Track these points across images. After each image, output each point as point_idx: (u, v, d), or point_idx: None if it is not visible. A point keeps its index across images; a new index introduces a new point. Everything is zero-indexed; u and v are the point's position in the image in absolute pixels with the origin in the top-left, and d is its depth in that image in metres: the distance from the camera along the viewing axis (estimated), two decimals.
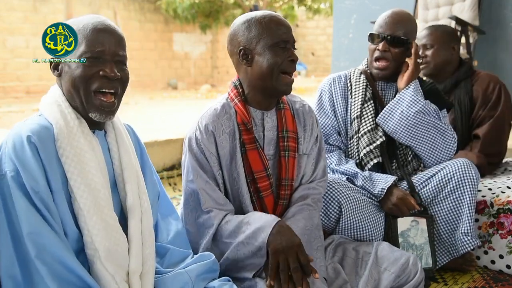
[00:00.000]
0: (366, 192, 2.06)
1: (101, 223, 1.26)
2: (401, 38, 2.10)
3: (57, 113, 1.30)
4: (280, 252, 1.46)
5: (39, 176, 1.21)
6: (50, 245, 1.18)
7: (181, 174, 3.95)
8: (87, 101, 1.31)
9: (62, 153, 1.26)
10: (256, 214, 1.59)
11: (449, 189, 2.09)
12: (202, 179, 1.60)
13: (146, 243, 1.38)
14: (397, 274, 1.69)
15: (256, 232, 1.50)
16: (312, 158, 1.76)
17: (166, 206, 1.63)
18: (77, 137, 1.28)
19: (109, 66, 1.30)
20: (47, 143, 1.25)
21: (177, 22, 14.25)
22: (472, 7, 3.84)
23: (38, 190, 1.20)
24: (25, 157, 1.21)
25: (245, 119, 1.64)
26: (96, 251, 1.25)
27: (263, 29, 1.59)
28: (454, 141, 2.16)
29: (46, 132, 1.26)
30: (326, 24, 16.47)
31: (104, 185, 1.30)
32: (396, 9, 2.16)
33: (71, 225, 1.26)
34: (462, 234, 2.08)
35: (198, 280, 1.42)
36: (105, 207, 1.28)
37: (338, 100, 2.23)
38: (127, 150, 1.42)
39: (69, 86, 1.32)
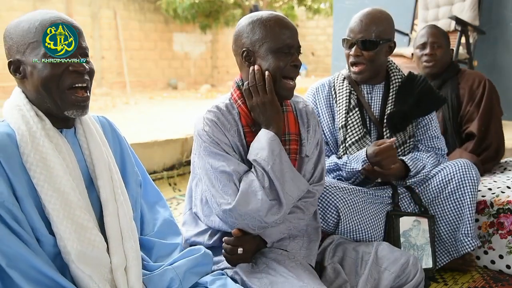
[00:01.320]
0: (365, 190, 2.05)
1: (72, 226, 1.24)
2: (372, 41, 2.05)
3: (18, 118, 1.28)
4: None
5: (2, 186, 1.18)
6: (20, 254, 1.16)
7: (181, 174, 3.95)
8: (61, 99, 1.29)
9: (26, 160, 1.24)
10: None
11: (450, 190, 2.09)
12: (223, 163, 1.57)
13: (126, 237, 1.36)
14: (397, 274, 1.69)
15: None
16: (313, 161, 1.74)
17: (152, 193, 1.61)
18: (41, 141, 1.26)
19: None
20: (9, 151, 1.23)
21: (177, 22, 14.24)
22: (472, 7, 3.84)
23: (2, 200, 1.18)
24: None
25: (249, 121, 1.64)
26: (69, 254, 1.24)
27: (267, 33, 1.57)
28: (445, 154, 2.22)
29: (8, 140, 1.24)
30: (326, 24, 16.46)
31: (73, 187, 1.28)
32: (368, 9, 2.11)
33: (44, 231, 1.24)
34: (463, 235, 2.08)
35: (188, 275, 1.41)
36: (76, 209, 1.26)
37: (323, 110, 2.19)
38: (98, 144, 1.40)
39: (37, 87, 1.29)
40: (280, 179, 1.55)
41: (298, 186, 1.60)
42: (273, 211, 1.55)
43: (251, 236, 1.59)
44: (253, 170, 1.56)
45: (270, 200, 1.53)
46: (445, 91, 2.65)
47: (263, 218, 1.54)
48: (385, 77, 2.18)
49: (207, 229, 1.71)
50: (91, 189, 1.36)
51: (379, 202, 2.07)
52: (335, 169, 2.10)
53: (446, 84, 2.69)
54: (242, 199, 1.53)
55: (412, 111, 2.12)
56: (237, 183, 1.55)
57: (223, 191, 1.56)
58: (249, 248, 1.59)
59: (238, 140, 1.62)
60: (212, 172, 1.57)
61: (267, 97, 1.57)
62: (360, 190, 2.04)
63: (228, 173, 1.55)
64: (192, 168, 1.73)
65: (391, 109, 2.12)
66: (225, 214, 1.56)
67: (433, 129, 2.19)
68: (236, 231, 1.56)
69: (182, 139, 3.95)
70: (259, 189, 1.52)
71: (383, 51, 2.09)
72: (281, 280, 1.48)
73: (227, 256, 1.58)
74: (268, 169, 1.53)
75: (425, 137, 2.18)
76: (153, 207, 1.59)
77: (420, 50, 2.71)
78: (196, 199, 1.74)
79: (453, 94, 2.65)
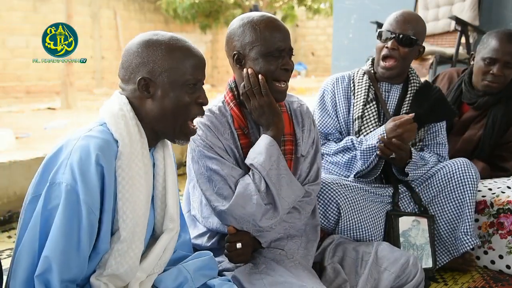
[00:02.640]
0: (367, 188, 2.05)
1: (126, 250, 1.24)
2: (410, 38, 2.08)
3: (124, 130, 1.24)
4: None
5: (97, 197, 1.17)
6: (52, 272, 1.13)
7: (180, 174, 3.95)
8: (181, 128, 1.31)
9: (119, 173, 1.22)
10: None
11: (450, 188, 2.09)
12: (216, 166, 1.57)
13: (162, 259, 1.38)
14: (397, 274, 1.69)
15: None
16: (308, 161, 1.74)
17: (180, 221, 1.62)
18: (137, 160, 1.24)
19: (203, 92, 1.31)
20: (111, 162, 1.20)
21: (177, 22, 14.24)
22: (472, 7, 3.84)
23: (93, 211, 1.16)
24: (89, 176, 1.15)
25: (241, 124, 1.64)
26: (104, 269, 1.23)
27: (257, 37, 1.55)
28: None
29: (111, 149, 1.21)
30: (326, 24, 16.46)
31: (145, 213, 1.27)
32: (407, 10, 2.16)
33: (107, 243, 1.23)
34: (462, 233, 2.08)
35: (197, 275, 1.41)
36: (137, 235, 1.25)
37: (341, 100, 2.22)
38: (173, 169, 1.41)
39: (165, 111, 1.28)
40: (276, 184, 1.55)
41: (294, 191, 1.60)
42: (268, 215, 1.55)
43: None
44: (250, 173, 1.57)
45: (265, 205, 1.54)
46: (496, 112, 2.39)
47: (257, 222, 1.54)
48: (405, 80, 2.22)
49: (206, 232, 1.71)
50: (150, 208, 1.35)
51: (379, 201, 2.07)
52: (350, 148, 2.10)
53: (500, 103, 2.40)
54: (237, 202, 1.53)
55: (427, 116, 2.16)
56: (232, 186, 1.56)
57: (218, 194, 1.56)
58: (248, 241, 1.59)
59: (232, 143, 1.62)
60: (207, 175, 1.57)
61: (264, 99, 1.57)
62: (361, 188, 2.05)
63: (223, 176, 1.56)
64: (188, 171, 1.73)
65: (406, 109, 2.16)
66: (220, 217, 1.58)
67: (441, 136, 2.23)
68: (231, 228, 1.57)
69: None
70: (255, 193, 1.53)
71: (415, 51, 2.13)
72: (281, 280, 1.48)
73: (228, 254, 1.58)
74: (265, 174, 1.54)
75: (433, 143, 2.22)
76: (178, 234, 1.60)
77: (487, 65, 2.33)
78: (194, 201, 1.74)
79: (504, 118, 2.38)
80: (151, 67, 1.26)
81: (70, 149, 1.18)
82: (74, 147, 1.18)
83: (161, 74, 1.26)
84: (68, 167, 1.16)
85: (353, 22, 4.79)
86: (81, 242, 1.16)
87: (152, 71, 1.26)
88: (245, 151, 1.63)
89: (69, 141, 1.21)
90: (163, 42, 1.28)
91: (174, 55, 1.27)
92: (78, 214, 1.15)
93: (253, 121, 1.66)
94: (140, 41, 1.29)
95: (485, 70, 2.35)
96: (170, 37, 1.30)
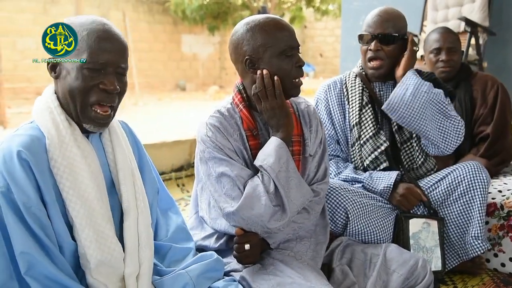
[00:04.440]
0: (374, 196, 2.04)
1: (93, 235, 1.24)
2: (392, 35, 2.06)
3: (48, 121, 1.26)
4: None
5: (30, 191, 1.18)
6: (39, 263, 1.16)
7: (189, 175, 3.95)
8: (82, 112, 1.28)
9: (53, 165, 1.23)
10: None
11: (459, 192, 2.07)
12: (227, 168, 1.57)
13: (142, 244, 1.36)
14: (406, 276, 1.68)
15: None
16: (316, 160, 1.74)
17: (165, 199, 1.61)
18: (70, 147, 1.25)
19: (110, 79, 1.27)
20: (39, 156, 1.21)
21: (185, 23, 14.29)
22: (482, 8, 3.81)
23: (30, 205, 1.17)
24: (15, 173, 1.17)
25: (251, 125, 1.64)
26: (88, 262, 1.24)
27: (269, 38, 1.56)
28: (462, 125, 2.09)
29: (38, 144, 1.23)
30: (334, 25, 16.43)
31: (97, 196, 1.27)
32: (384, 7, 2.13)
33: (67, 237, 1.24)
34: (472, 237, 2.06)
35: (201, 279, 1.40)
36: (98, 217, 1.26)
37: (335, 107, 2.19)
38: (122, 150, 1.39)
39: (66, 92, 1.28)
40: (285, 186, 1.55)
41: (302, 194, 1.60)
42: (276, 217, 1.55)
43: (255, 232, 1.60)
44: (259, 174, 1.57)
45: (273, 206, 1.53)
46: (459, 93, 2.61)
47: (266, 223, 1.54)
48: (394, 75, 2.16)
49: (214, 233, 1.71)
50: (111, 193, 1.36)
51: (388, 205, 2.06)
52: (351, 180, 2.09)
53: (459, 86, 2.64)
54: (246, 203, 1.53)
55: None
56: (241, 188, 1.55)
57: (226, 195, 1.56)
58: (256, 242, 1.59)
59: (241, 144, 1.62)
60: (216, 177, 1.57)
61: (276, 101, 1.57)
62: (369, 193, 2.04)
63: (232, 177, 1.55)
64: (196, 172, 1.73)
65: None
66: (228, 218, 1.57)
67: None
68: (239, 230, 1.57)
69: (190, 140, 3.96)
70: (264, 194, 1.52)
71: (400, 46, 2.10)
72: (289, 281, 1.47)
73: (236, 255, 1.58)
74: (274, 176, 1.53)
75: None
76: (166, 213, 1.60)
77: (435, 55, 2.63)
78: (202, 202, 1.74)
79: (466, 96, 2.61)
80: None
81: None
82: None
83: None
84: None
85: (361, 23, 4.76)
86: (39, 236, 1.17)
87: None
88: (254, 153, 1.62)
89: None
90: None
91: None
92: (19, 213, 1.17)
93: (262, 123, 1.66)
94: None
95: (435, 60, 2.63)
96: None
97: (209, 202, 1.69)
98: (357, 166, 2.14)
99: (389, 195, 2.04)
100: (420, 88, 2.04)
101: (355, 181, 2.08)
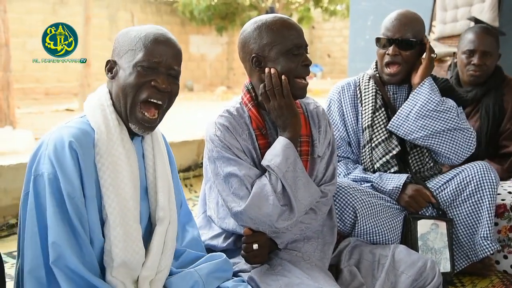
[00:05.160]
0: (383, 196, 2.04)
1: (123, 234, 1.26)
2: (410, 40, 2.04)
3: (100, 117, 1.30)
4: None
5: (76, 182, 1.21)
6: (67, 255, 1.18)
7: (197, 175, 3.96)
8: (131, 111, 1.31)
9: (98, 160, 1.26)
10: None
11: (468, 192, 2.06)
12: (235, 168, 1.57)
13: (166, 253, 1.38)
14: (414, 278, 1.67)
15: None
16: (324, 161, 1.74)
17: (185, 213, 1.63)
18: (116, 145, 1.28)
19: (162, 78, 1.31)
20: (86, 149, 1.24)
21: (193, 24, 14.33)
22: (492, 7, 3.78)
23: (74, 196, 1.20)
24: (65, 162, 1.20)
25: (259, 125, 1.64)
26: (112, 260, 1.25)
27: (276, 36, 1.56)
28: (473, 136, 2.09)
29: (87, 138, 1.26)
30: (342, 25, 16.40)
31: (133, 196, 1.30)
32: (402, 11, 2.10)
33: (98, 233, 1.26)
34: (482, 238, 2.05)
35: (210, 278, 1.41)
36: (130, 218, 1.28)
37: (348, 109, 2.18)
38: (163, 158, 1.42)
39: (119, 90, 1.31)
40: (293, 186, 1.55)
41: (310, 193, 1.60)
42: (284, 216, 1.55)
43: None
44: (267, 174, 1.57)
45: (281, 206, 1.53)
46: (487, 101, 2.48)
47: (273, 223, 1.54)
48: (410, 78, 2.15)
49: (222, 232, 1.72)
50: (143, 199, 1.38)
51: (396, 206, 2.05)
52: (361, 180, 2.08)
53: (489, 93, 2.49)
54: (254, 202, 1.53)
55: None
56: (249, 187, 1.55)
57: (234, 194, 1.56)
58: (264, 242, 1.59)
59: (250, 144, 1.62)
60: (224, 176, 1.57)
61: (284, 100, 1.57)
62: (378, 193, 2.03)
63: (240, 177, 1.55)
64: (205, 172, 1.74)
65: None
66: (236, 217, 1.57)
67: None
68: (247, 230, 1.57)
69: (198, 140, 3.96)
70: (271, 193, 1.52)
71: (418, 51, 2.08)
72: (297, 282, 1.47)
73: (244, 255, 1.58)
74: (281, 176, 1.53)
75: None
76: (184, 227, 1.61)
77: (467, 57, 2.48)
78: (211, 202, 1.74)
79: (496, 106, 2.46)
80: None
81: (47, 141, 1.24)
82: (50, 139, 1.24)
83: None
84: (46, 157, 1.21)
85: (369, 23, 4.77)
86: (75, 227, 1.20)
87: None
88: (263, 152, 1.63)
89: (47, 134, 1.27)
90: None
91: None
92: (63, 201, 1.19)
93: (271, 122, 1.67)
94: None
95: (466, 62, 2.49)
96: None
97: (218, 201, 1.70)
98: (366, 168, 2.13)
99: (397, 196, 2.03)
100: (428, 105, 2.04)
101: (364, 181, 2.07)
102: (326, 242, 1.72)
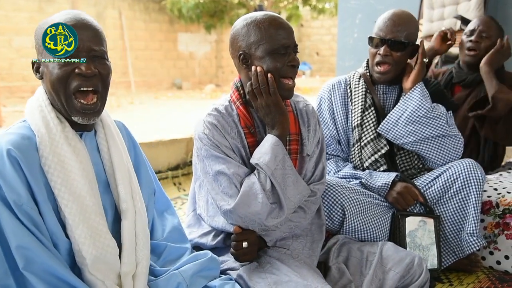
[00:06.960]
0: (371, 193, 2.05)
1: (88, 231, 1.24)
2: (402, 42, 2.05)
3: (39, 120, 1.27)
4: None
5: (21, 189, 1.18)
6: (37, 257, 1.16)
7: (185, 173, 3.95)
8: (68, 104, 1.28)
9: (44, 162, 1.24)
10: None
11: (455, 189, 2.08)
12: (224, 166, 1.57)
13: (140, 244, 1.36)
14: (402, 274, 1.68)
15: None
16: (313, 160, 1.74)
17: (162, 201, 1.61)
18: (60, 144, 1.26)
19: (85, 64, 1.26)
20: (28, 154, 1.22)
21: (182, 22, 14.27)
22: (478, 6, 3.82)
23: (21, 203, 1.17)
24: (5, 171, 1.18)
25: (248, 123, 1.64)
26: (84, 259, 1.24)
27: (262, 35, 1.55)
28: (461, 142, 2.13)
29: (28, 143, 1.24)
30: (331, 23, 16.44)
31: (89, 192, 1.27)
32: (397, 10, 2.10)
33: (60, 235, 1.24)
34: (468, 234, 2.07)
35: (195, 279, 1.41)
36: (91, 213, 1.26)
37: (338, 107, 2.19)
38: (118, 149, 1.39)
39: (50, 88, 1.28)
40: (282, 184, 1.55)
41: (299, 191, 1.61)
42: (274, 214, 1.55)
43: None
44: (256, 172, 1.57)
45: (270, 204, 1.54)
46: (482, 89, 2.53)
47: (263, 221, 1.54)
48: (401, 79, 2.17)
49: (211, 230, 1.72)
50: (105, 193, 1.36)
51: (384, 203, 2.06)
52: (350, 177, 2.10)
53: (482, 83, 2.54)
54: (243, 200, 1.53)
55: None
56: (238, 186, 1.56)
57: (223, 193, 1.56)
58: (254, 240, 1.59)
59: (239, 142, 1.62)
60: (213, 174, 1.57)
61: (271, 99, 1.57)
62: (366, 191, 2.05)
63: (229, 175, 1.55)
64: (194, 170, 1.74)
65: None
66: (226, 215, 1.58)
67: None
68: (237, 228, 1.58)
69: (186, 138, 3.95)
70: (260, 191, 1.53)
71: (408, 52, 2.10)
72: (285, 279, 1.48)
73: (234, 253, 1.58)
74: (270, 174, 1.54)
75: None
76: (162, 214, 1.60)
77: (467, 36, 2.60)
78: (200, 200, 1.74)
79: (485, 95, 2.51)
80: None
81: None
82: None
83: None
84: None
85: (358, 22, 4.79)
86: (33, 232, 1.18)
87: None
88: (252, 150, 1.63)
89: None
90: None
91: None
92: (12, 209, 1.17)
93: (260, 120, 1.67)
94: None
95: (465, 41, 2.61)
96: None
97: (207, 199, 1.69)
98: (356, 166, 2.15)
99: (386, 193, 2.05)
100: (418, 112, 2.06)
101: (354, 177, 2.08)
102: (314, 239, 1.73)
